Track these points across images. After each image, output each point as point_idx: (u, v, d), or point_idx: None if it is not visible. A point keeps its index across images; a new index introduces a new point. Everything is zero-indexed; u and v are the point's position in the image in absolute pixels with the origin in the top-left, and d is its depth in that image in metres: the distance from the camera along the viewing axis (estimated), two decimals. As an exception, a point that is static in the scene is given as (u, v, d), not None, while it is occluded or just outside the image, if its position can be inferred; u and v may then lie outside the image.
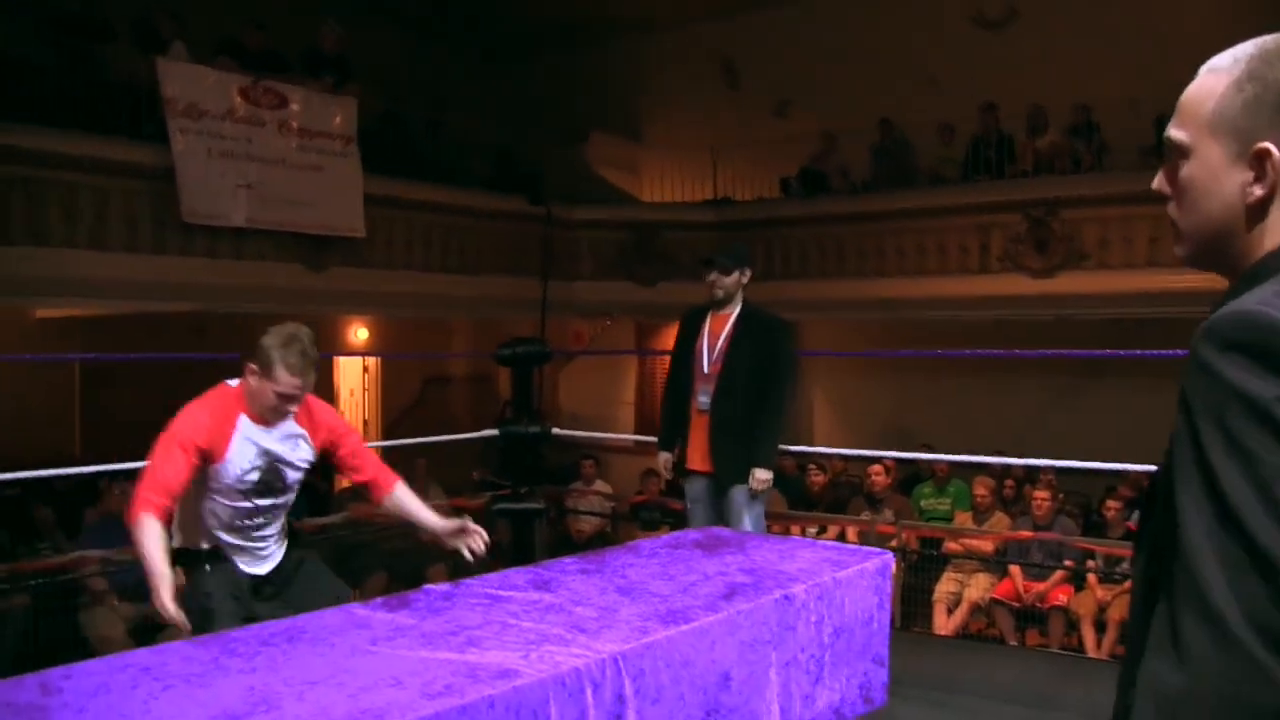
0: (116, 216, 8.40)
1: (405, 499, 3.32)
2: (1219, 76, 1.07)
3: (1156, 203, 1.14)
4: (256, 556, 3.21)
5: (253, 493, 3.10)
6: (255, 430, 3.07)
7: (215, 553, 3.14)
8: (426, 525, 3.28)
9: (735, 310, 4.62)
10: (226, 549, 3.15)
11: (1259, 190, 1.03)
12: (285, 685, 2.09)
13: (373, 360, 13.01)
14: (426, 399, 13.52)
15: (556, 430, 6.50)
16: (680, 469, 4.76)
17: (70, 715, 1.97)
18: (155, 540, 2.79)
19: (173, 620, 2.71)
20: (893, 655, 3.33)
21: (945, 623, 6.82)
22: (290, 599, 3.17)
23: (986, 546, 7.16)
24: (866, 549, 3.65)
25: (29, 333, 10.85)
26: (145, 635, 5.41)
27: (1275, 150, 1.02)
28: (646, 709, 2.38)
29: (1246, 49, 1.06)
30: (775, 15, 12.68)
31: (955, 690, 4.24)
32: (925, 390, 11.61)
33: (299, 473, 3.22)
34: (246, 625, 2.73)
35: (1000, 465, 8.06)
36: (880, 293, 11.16)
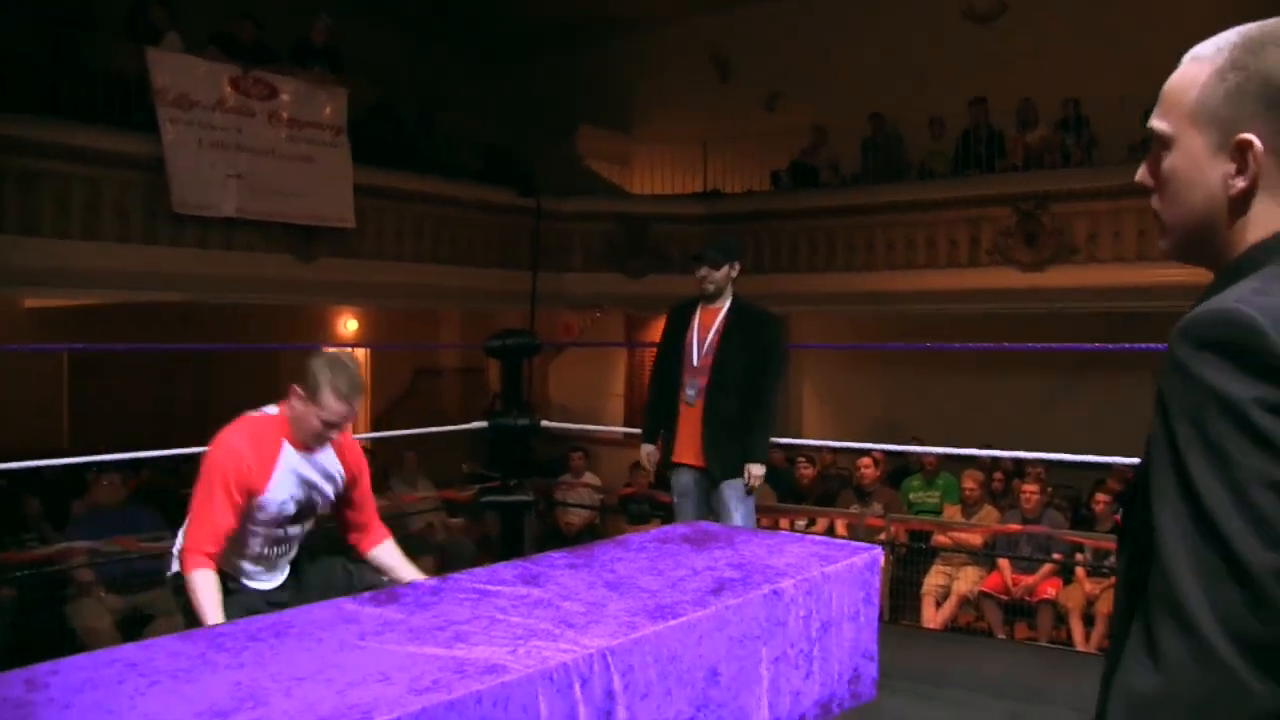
0: (108, 207, 8.39)
1: (392, 555, 3.33)
2: (1202, 65, 1.04)
3: (1145, 197, 1.11)
4: (272, 572, 3.19)
5: (286, 522, 3.08)
6: (297, 459, 3.03)
7: (233, 578, 3.09)
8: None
9: (725, 304, 4.59)
10: (244, 573, 3.12)
11: (1241, 182, 1.01)
12: (273, 681, 2.08)
13: (362, 351, 12.96)
14: (417, 390, 13.51)
15: (546, 422, 6.49)
16: (665, 461, 4.72)
17: (56, 711, 1.96)
18: (211, 594, 2.81)
19: None
20: (881, 648, 3.33)
21: (934, 616, 6.83)
22: (306, 592, 3.15)
23: (975, 540, 7.18)
24: (855, 544, 3.65)
25: (18, 323, 10.81)
26: (132, 627, 5.40)
27: (1257, 141, 0.99)
28: (635, 704, 2.38)
29: (1229, 37, 1.03)
30: (769, 9, 12.68)
31: (944, 683, 4.25)
32: (915, 383, 11.65)
33: (328, 501, 3.20)
34: None
35: (989, 458, 8.09)
36: (870, 286, 11.17)
